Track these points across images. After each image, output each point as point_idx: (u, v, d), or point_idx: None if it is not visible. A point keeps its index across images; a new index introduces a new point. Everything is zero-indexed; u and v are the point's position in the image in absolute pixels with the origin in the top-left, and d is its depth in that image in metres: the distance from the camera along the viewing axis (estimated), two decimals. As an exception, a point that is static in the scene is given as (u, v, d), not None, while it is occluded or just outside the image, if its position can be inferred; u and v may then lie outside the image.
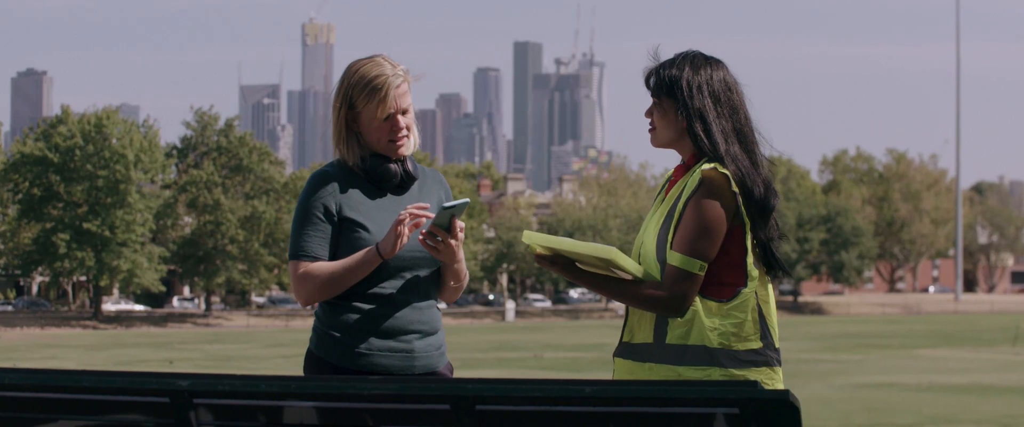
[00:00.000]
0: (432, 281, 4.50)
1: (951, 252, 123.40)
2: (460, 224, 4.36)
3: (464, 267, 4.50)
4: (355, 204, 4.43)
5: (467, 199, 4.42)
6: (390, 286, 4.41)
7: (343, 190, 4.43)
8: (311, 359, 4.44)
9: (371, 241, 4.38)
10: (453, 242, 4.36)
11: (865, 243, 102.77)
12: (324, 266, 4.36)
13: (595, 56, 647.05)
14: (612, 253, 3.94)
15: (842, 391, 26.41)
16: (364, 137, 4.45)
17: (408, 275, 4.43)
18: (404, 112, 4.45)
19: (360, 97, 4.41)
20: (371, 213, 4.44)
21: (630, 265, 4.01)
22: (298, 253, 4.38)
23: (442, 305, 4.75)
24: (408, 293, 4.43)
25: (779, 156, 4.65)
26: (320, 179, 4.43)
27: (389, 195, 4.49)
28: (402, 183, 4.49)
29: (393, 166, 4.47)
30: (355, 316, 4.38)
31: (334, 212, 4.40)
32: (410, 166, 4.51)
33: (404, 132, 4.46)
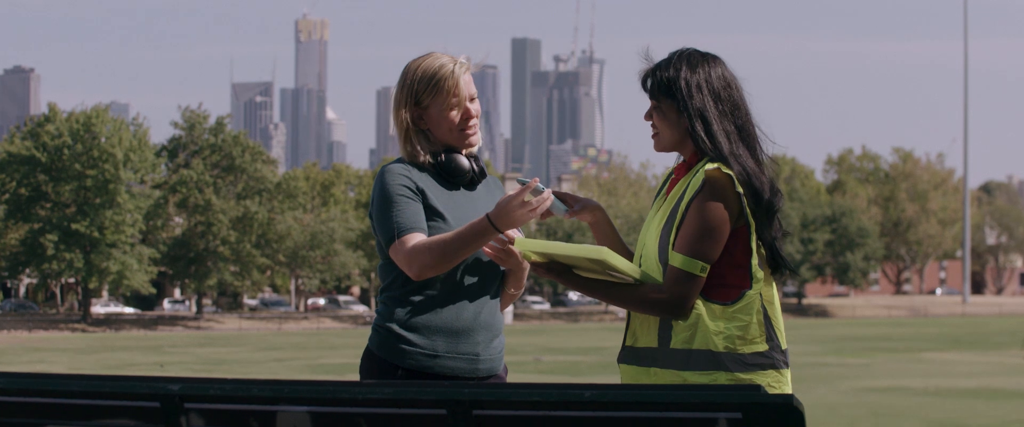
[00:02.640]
0: (499, 282, 4.47)
1: (959, 253, 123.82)
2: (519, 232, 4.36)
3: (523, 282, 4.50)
4: (433, 194, 4.41)
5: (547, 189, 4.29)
6: (460, 285, 4.37)
7: (420, 179, 4.40)
8: (371, 359, 4.38)
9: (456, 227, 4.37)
10: (518, 251, 4.31)
11: (871, 244, 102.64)
12: (436, 237, 4.28)
13: (595, 53, 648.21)
14: (604, 253, 3.92)
15: (847, 395, 26.39)
16: (434, 133, 4.45)
17: (479, 274, 4.41)
18: (472, 99, 4.46)
19: (426, 91, 4.41)
20: (448, 206, 4.41)
21: (624, 266, 3.98)
22: (402, 230, 4.30)
23: None
24: (478, 293, 4.40)
25: (783, 155, 3.94)
26: (397, 166, 4.41)
27: (462, 189, 4.48)
28: (473, 180, 4.49)
29: (466, 162, 4.46)
30: (422, 315, 4.34)
31: (419, 192, 4.37)
32: (481, 163, 4.53)
33: (475, 119, 4.47)
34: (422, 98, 4.42)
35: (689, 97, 4.04)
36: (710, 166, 3.99)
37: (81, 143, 72.99)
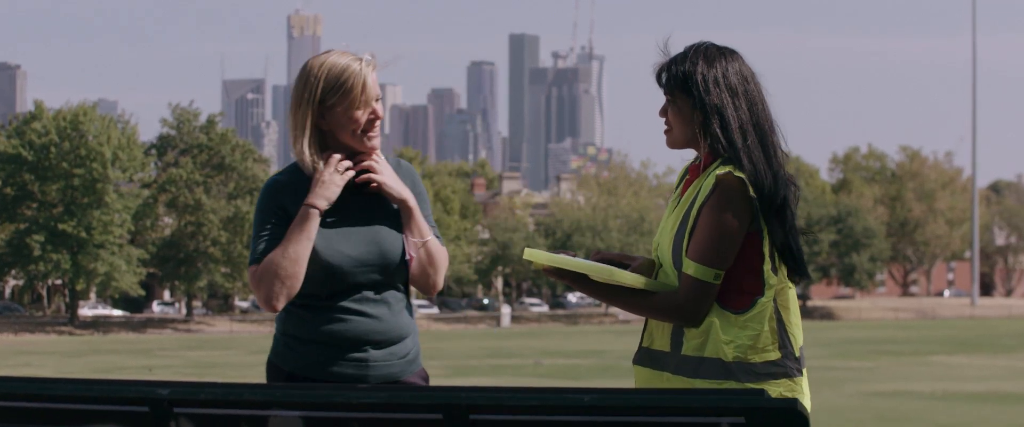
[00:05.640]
0: (393, 287, 4.41)
1: (967, 254, 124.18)
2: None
3: (435, 244, 4.40)
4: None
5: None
6: (343, 296, 4.34)
7: (298, 195, 4.35)
8: (270, 368, 4.45)
9: (325, 250, 4.31)
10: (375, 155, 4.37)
11: (877, 245, 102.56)
12: (268, 256, 4.29)
13: (594, 49, 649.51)
14: (614, 273, 3.98)
15: (853, 399, 26.49)
16: (337, 134, 4.38)
17: (361, 284, 4.35)
18: (377, 99, 4.40)
19: (332, 90, 4.33)
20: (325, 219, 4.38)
21: (631, 280, 4.00)
22: (251, 260, 4.34)
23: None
24: (361, 303, 4.35)
25: (787, 153, 4.08)
26: (274, 185, 4.40)
27: (343, 198, 4.40)
28: (358, 188, 4.39)
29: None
30: (310, 325, 4.34)
31: (291, 215, 4.34)
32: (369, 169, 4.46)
33: (379, 121, 4.41)
34: (327, 97, 4.32)
35: (705, 92, 4.00)
36: (721, 170, 3.95)
37: (68, 141, 73.15)
